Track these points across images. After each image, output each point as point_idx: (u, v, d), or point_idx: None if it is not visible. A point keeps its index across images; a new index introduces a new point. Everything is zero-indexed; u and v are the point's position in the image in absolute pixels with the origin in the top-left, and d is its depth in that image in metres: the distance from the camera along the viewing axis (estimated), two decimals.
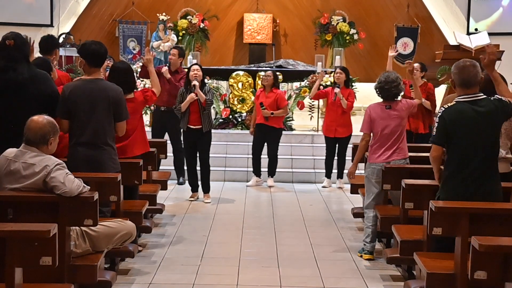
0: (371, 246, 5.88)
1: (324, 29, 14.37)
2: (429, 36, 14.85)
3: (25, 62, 5.03)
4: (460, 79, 4.41)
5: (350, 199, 8.41)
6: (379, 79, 5.94)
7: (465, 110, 4.38)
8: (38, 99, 4.94)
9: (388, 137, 5.82)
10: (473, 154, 4.36)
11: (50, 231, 3.45)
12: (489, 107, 4.38)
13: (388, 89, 5.83)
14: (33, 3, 13.79)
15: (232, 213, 7.75)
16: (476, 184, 4.36)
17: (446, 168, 4.50)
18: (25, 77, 4.94)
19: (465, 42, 11.15)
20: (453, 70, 4.47)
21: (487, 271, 3.59)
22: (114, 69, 5.99)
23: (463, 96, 4.42)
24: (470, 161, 4.36)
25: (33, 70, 5.05)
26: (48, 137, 4.24)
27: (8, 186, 4.20)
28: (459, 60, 4.53)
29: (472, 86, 4.41)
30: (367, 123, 5.91)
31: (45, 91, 5.00)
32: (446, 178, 4.48)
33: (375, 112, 5.88)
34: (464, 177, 4.38)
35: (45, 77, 5.10)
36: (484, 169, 4.37)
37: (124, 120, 5.31)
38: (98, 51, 5.18)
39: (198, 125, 7.97)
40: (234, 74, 11.19)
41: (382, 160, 5.80)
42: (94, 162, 5.08)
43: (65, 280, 4.08)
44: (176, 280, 5.23)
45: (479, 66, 4.45)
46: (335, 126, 9.14)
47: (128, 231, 4.73)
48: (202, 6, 14.72)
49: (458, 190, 4.38)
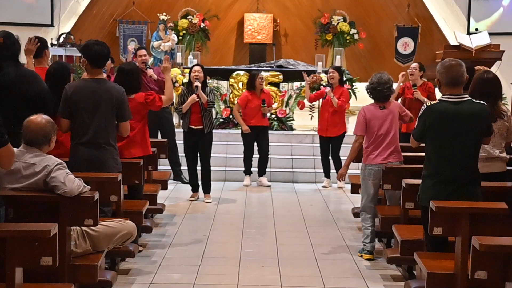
0: (371, 246, 5.88)
1: (325, 29, 14.36)
2: (430, 36, 14.84)
3: (13, 61, 5.00)
4: (447, 78, 4.41)
5: (350, 199, 8.41)
6: (371, 80, 5.93)
7: (447, 110, 4.37)
8: (25, 99, 4.91)
9: (384, 137, 5.82)
10: (452, 154, 4.35)
11: (51, 231, 3.45)
12: (472, 110, 4.37)
13: (380, 90, 5.83)
14: (34, 3, 13.79)
15: (232, 213, 7.75)
16: (454, 185, 4.35)
17: (425, 167, 4.51)
18: (11, 76, 4.91)
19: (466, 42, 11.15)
20: (439, 69, 4.46)
21: (488, 271, 3.59)
22: (119, 70, 6.07)
23: (447, 96, 4.42)
24: (448, 161, 4.36)
25: (20, 69, 5.03)
26: (50, 137, 4.25)
27: (8, 186, 4.20)
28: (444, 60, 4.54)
29: (458, 85, 4.41)
30: (361, 125, 5.90)
31: (32, 91, 4.97)
32: (425, 177, 4.50)
33: (370, 113, 5.87)
34: (442, 178, 4.37)
35: (33, 76, 5.07)
36: (463, 171, 4.37)
37: (127, 120, 5.31)
38: (101, 52, 5.16)
39: (199, 126, 7.97)
40: (235, 74, 11.19)
41: (379, 161, 5.80)
42: (96, 162, 5.08)
43: (66, 280, 4.08)
44: (177, 280, 5.23)
45: (464, 66, 4.46)
46: (327, 125, 9.16)
47: (129, 231, 4.73)
48: (202, 6, 14.72)
49: (436, 190, 4.37)
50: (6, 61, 4.94)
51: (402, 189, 5.13)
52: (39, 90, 5.04)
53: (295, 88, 11.37)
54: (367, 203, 5.91)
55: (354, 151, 5.99)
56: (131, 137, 5.88)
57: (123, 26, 14.38)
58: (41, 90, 5.06)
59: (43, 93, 5.06)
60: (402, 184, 5.09)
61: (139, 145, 6.03)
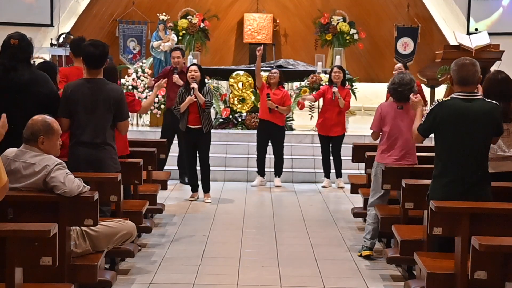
0: (371, 243, 5.87)
1: (324, 29, 14.36)
2: (429, 36, 14.84)
3: (26, 63, 5.04)
4: (459, 77, 4.42)
5: (350, 199, 8.41)
6: (392, 80, 5.91)
7: (458, 107, 4.37)
8: (37, 100, 4.95)
9: (398, 137, 5.78)
10: (461, 153, 4.35)
11: (50, 231, 3.45)
12: (484, 108, 4.37)
13: (402, 91, 5.76)
14: (33, 3, 13.78)
15: (232, 213, 7.75)
16: (464, 186, 4.35)
17: (435, 167, 4.50)
18: (25, 78, 4.95)
19: (465, 42, 11.15)
20: (453, 67, 4.48)
21: (487, 271, 3.59)
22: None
23: (459, 93, 4.43)
24: (458, 161, 4.35)
25: (33, 71, 5.06)
26: (38, 135, 4.22)
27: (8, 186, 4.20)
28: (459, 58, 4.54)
29: (470, 84, 4.41)
30: (377, 121, 5.90)
31: (44, 92, 5.01)
32: (435, 177, 4.49)
33: (386, 111, 5.86)
34: (451, 178, 4.37)
35: (45, 79, 5.10)
36: (473, 170, 4.36)
37: (126, 119, 5.32)
38: (92, 53, 5.13)
39: (197, 125, 7.97)
40: (234, 74, 11.19)
41: (391, 161, 5.77)
42: (95, 162, 5.09)
43: (65, 280, 4.08)
44: (176, 280, 5.23)
45: (478, 65, 4.46)
46: (330, 125, 9.17)
47: (128, 231, 4.74)
48: (202, 6, 14.72)
49: (447, 190, 4.37)
50: (20, 62, 4.99)
51: (401, 189, 5.12)
52: (50, 92, 5.08)
53: (295, 88, 11.37)
54: (375, 200, 5.89)
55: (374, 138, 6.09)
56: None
57: (122, 26, 14.37)
58: (51, 92, 5.11)
59: (52, 95, 5.11)
60: (402, 184, 5.09)
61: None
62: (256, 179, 9.41)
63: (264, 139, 9.25)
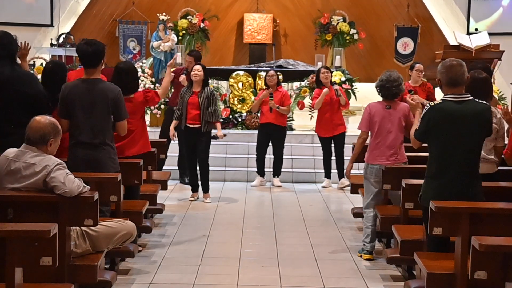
0: (371, 246, 5.88)
1: (324, 29, 14.36)
2: (429, 36, 14.84)
3: (9, 61, 4.98)
4: (447, 78, 4.41)
5: (350, 199, 8.41)
6: (380, 78, 5.95)
7: (450, 109, 4.37)
8: (18, 100, 4.90)
9: (387, 137, 5.81)
10: (454, 154, 4.35)
11: (50, 231, 3.45)
12: (475, 109, 4.38)
13: (389, 88, 5.83)
14: (33, 3, 13.79)
15: (232, 213, 7.75)
16: (457, 187, 4.35)
17: (428, 168, 4.51)
18: (5, 76, 4.89)
19: (465, 42, 11.15)
20: (440, 70, 4.47)
21: (487, 271, 3.59)
22: (115, 69, 6.04)
23: (450, 96, 4.42)
24: (451, 162, 4.36)
25: (16, 70, 5.01)
26: (48, 138, 4.23)
27: (8, 186, 4.20)
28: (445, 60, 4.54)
29: (459, 85, 4.41)
30: (365, 121, 5.90)
31: (29, 93, 4.95)
32: (427, 178, 4.49)
33: (375, 111, 5.87)
34: (445, 179, 4.37)
35: (30, 78, 5.06)
36: (466, 172, 4.37)
37: (124, 119, 5.31)
38: (84, 51, 5.14)
39: (196, 124, 7.96)
40: (234, 74, 11.19)
41: (380, 161, 5.79)
42: (93, 162, 5.09)
43: (65, 280, 4.08)
44: (176, 280, 5.23)
45: (465, 66, 4.46)
46: (334, 124, 9.18)
47: (128, 231, 4.73)
48: (202, 6, 14.72)
49: (440, 191, 4.36)
50: (1, 60, 4.92)
51: (401, 189, 5.12)
52: (34, 92, 5.02)
53: (295, 88, 11.37)
54: (369, 202, 5.90)
55: (358, 146, 6.03)
56: (133, 136, 5.91)
57: (122, 26, 14.37)
58: (36, 92, 5.05)
59: (37, 95, 5.04)
60: (402, 184, 5.09)
61: (140, 143, 6.06)
62: (256, 179, 9.42)
63: (264, 139, 9.26)
